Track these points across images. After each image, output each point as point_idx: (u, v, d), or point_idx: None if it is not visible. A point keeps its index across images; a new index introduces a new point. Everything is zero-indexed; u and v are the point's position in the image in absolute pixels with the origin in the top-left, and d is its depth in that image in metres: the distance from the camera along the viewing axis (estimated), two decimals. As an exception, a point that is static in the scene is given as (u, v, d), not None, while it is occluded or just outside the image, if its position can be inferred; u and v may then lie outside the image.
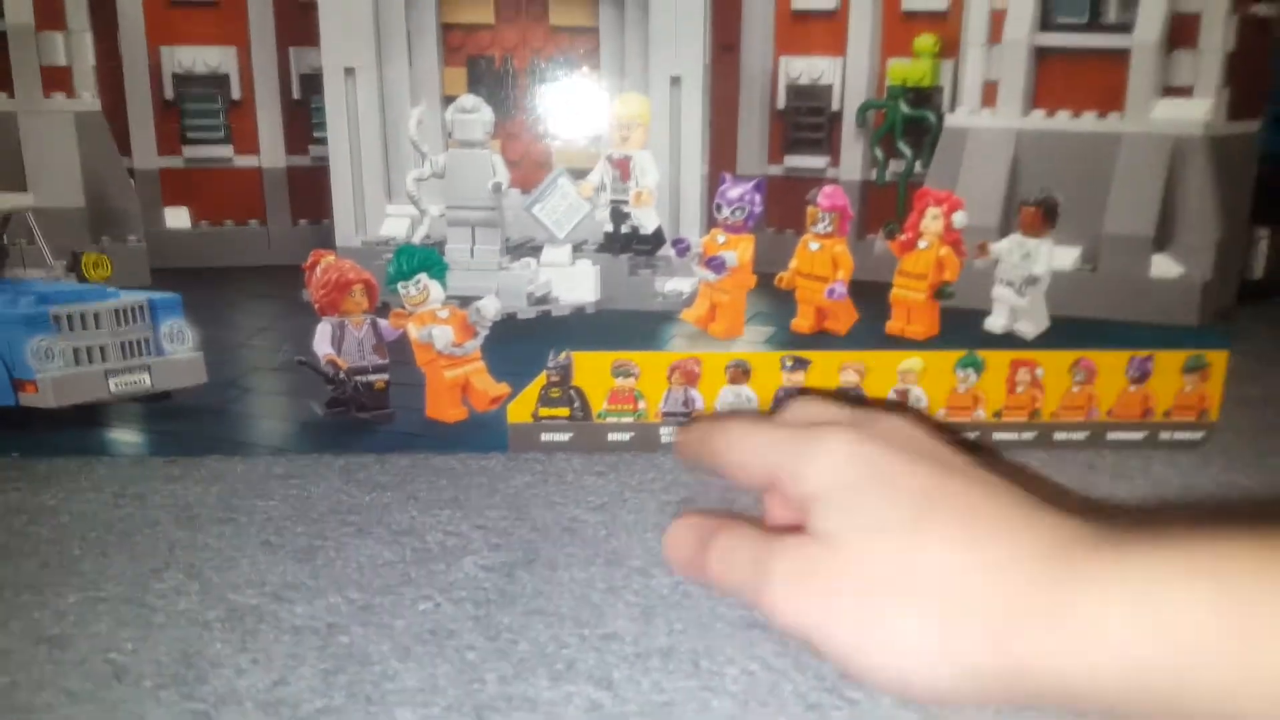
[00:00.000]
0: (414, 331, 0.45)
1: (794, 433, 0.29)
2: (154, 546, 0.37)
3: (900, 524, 0.26)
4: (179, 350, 0.45)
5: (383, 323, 0.45)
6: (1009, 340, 0.48)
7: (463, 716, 0.27)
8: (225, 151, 0.44)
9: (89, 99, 0.43)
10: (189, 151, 0.44)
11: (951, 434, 0.34)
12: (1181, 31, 0.45)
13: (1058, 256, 0.47)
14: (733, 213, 0.46)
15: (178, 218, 0.45)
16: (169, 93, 0.44)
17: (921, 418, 0.31)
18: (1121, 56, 0.46)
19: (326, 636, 0.31)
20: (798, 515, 0.28)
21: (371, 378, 0.46)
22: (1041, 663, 0.23)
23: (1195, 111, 0.46)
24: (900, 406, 0.49)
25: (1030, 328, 0.48)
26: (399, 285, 0.45)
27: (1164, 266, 0.48)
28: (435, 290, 0.45)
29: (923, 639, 0.24)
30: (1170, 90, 0.46)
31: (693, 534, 0.30)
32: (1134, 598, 0.22)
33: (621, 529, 0.40)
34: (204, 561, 0.36)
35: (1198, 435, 0.50)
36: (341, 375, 0.45)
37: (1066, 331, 0.48)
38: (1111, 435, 0.50)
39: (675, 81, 0.44)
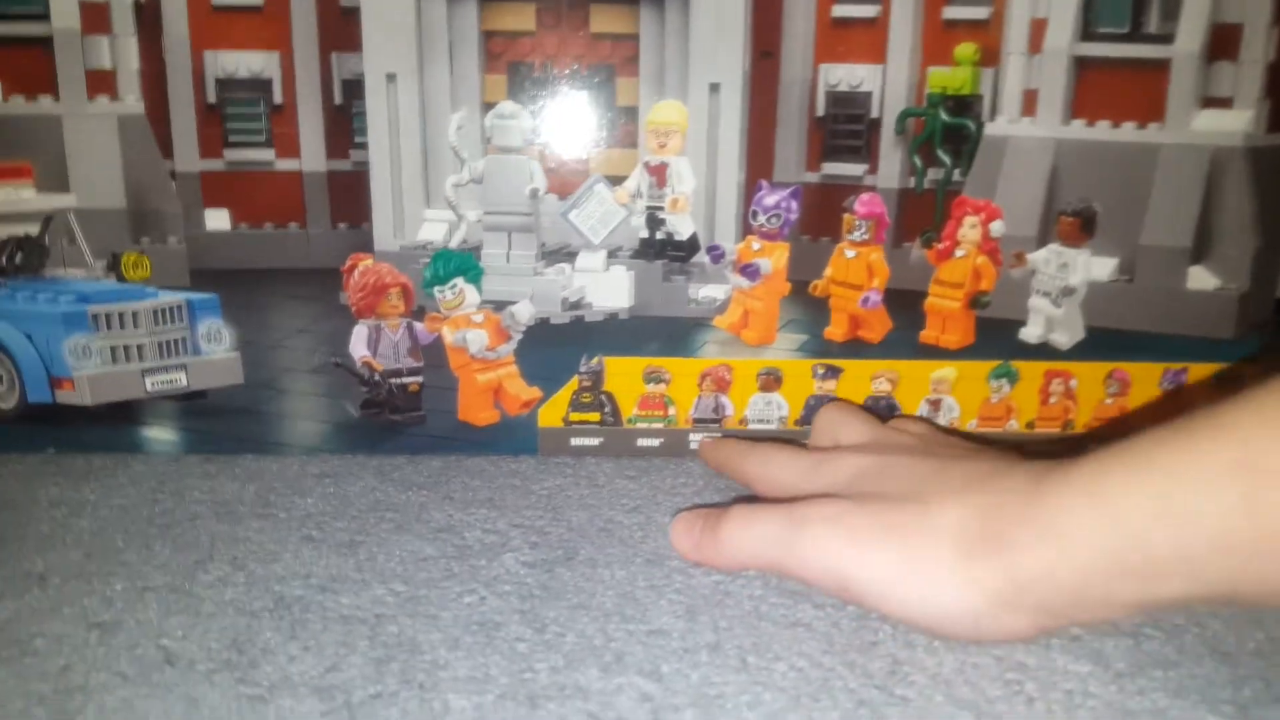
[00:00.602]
0: (449, 335, 0.45)
1: (819, 456, 0.37)
2: (196, 539, 0.37)
3: (912, 493, 0.32)
4: (216, 350, 0.45)
5: (418, 326, 0.45)
6: (1044, 351, 0.48)
7: (517, 704, 0.27)
8: (267, 155, 0.45)
9: (132, 102, 0.44)
10: (230, 155, 0.45)
11: (956, 434, 0.41)
12: (1223, 42, 0.46)
13: (1095, 267, 0.47)
14: (768, 220, 0.46)
15: (218, 220, 0.45)
16: (211, 96, 0.44)
17: (935, 427, 0.41)
18: (1162, 67, 0.46)
19: (375, 626, 0.31)
20: None
21: (406, 380, 0.46)
22: (1042, 571, 0.28)
23: (1235, 123, 0.46)
24: (916, 418, 0.50)
25: (1065, 338, 0.48)
26: (435, 289, 0.45)
27: (1201, 278, 0.48)
28: (471, 294, 0.45)
29: (951, 573, 0.29)
30: (1210, 101, 0.46)
31: (699, 519, 0.36)
32: (1092, 504, 0.27)
33: (657, 530, 0.40)
34: (247, 554, 0.36)
35: (1234, 449, 0.50)
36: (376, 377, 0.45)
37: (1102, 342, 0.48)
38: (1147, 448, 0.49)
39: (714, 88, 0.44)
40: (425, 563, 0.36)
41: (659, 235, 0.46)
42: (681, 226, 0.46)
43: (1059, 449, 0.32)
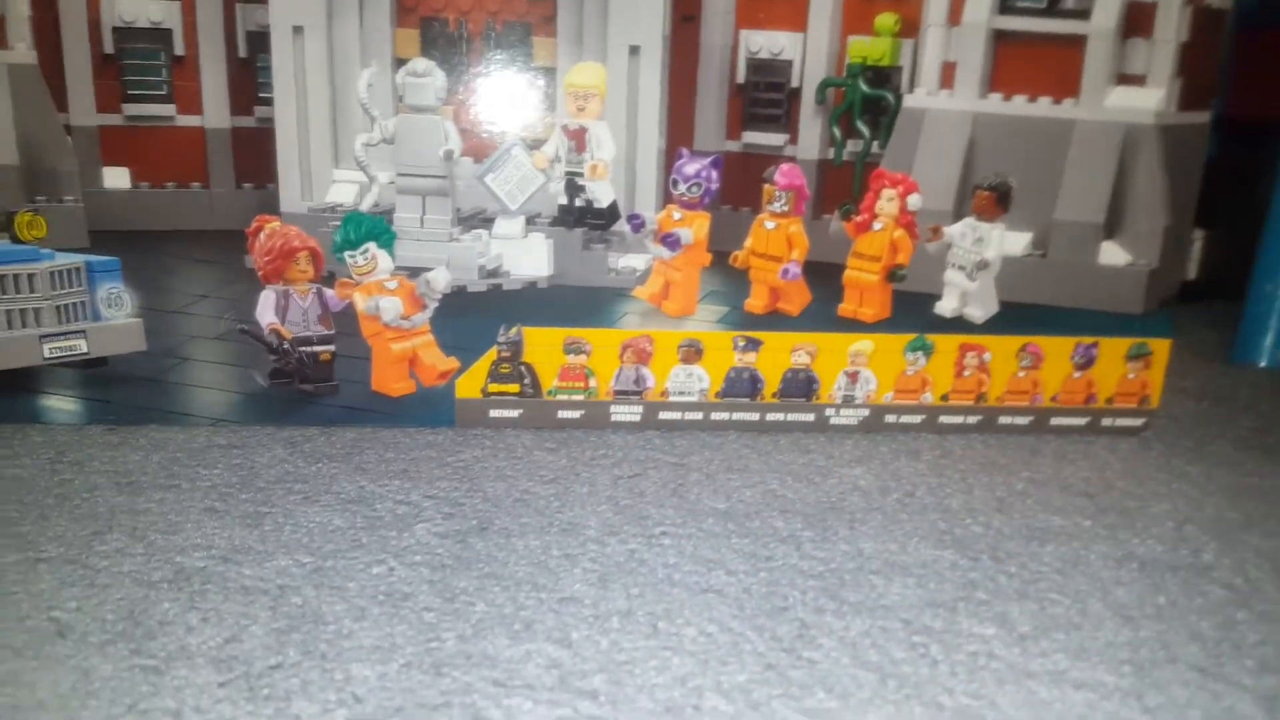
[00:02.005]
0: (360, 302, 0.44)
1: None
2: (94, 510, 0.36)
3: None
4: (117, 316, 0.43)
5: (328, 292, 0.44)
6: (958, 324, 0.48)
7: (422, 673, 0.26)
8: (167, 110, 0.43)
9: (24, 50, 0.41)
10: (129, 109, 0.43)
11: None
12: (1137, 20, 0.46)
13: (1009, 242, 0.48)
14: (689, 189, 0.45)
15: (117, 178, 0.43)
16: (109, 47, 0.42)
17: None
18: (1078, 43, 0.46)
19: (278, 597, 0.30)
20: None
21: (316, 348, 0.45)
22: None
23: (1148, 100, 0.47)
24: None
25: (980, 312, 0.48)
26: (346, 254, 0.43)
27: (1112, 254, 0.49)
28: (383, 260, 0.44)
29: None
30: (1124, 78, 0.47)
31: None
32: None
33: (575, 501, 0.39)
34: (147, 525, 0.35)
35: (1138, 422, 0.51)
36: (285, 345, 0.44)
37: (1015, 317, 0.48)
38: (1055, 420, 0.50)
39: (634, 51, 0.44)
40: (333, 534, 0.35)
41: (578, 202, 0.45)
42: (601, 194, 0.45)
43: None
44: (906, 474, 0.44)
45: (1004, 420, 0.50)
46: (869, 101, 0.46)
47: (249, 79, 0.42)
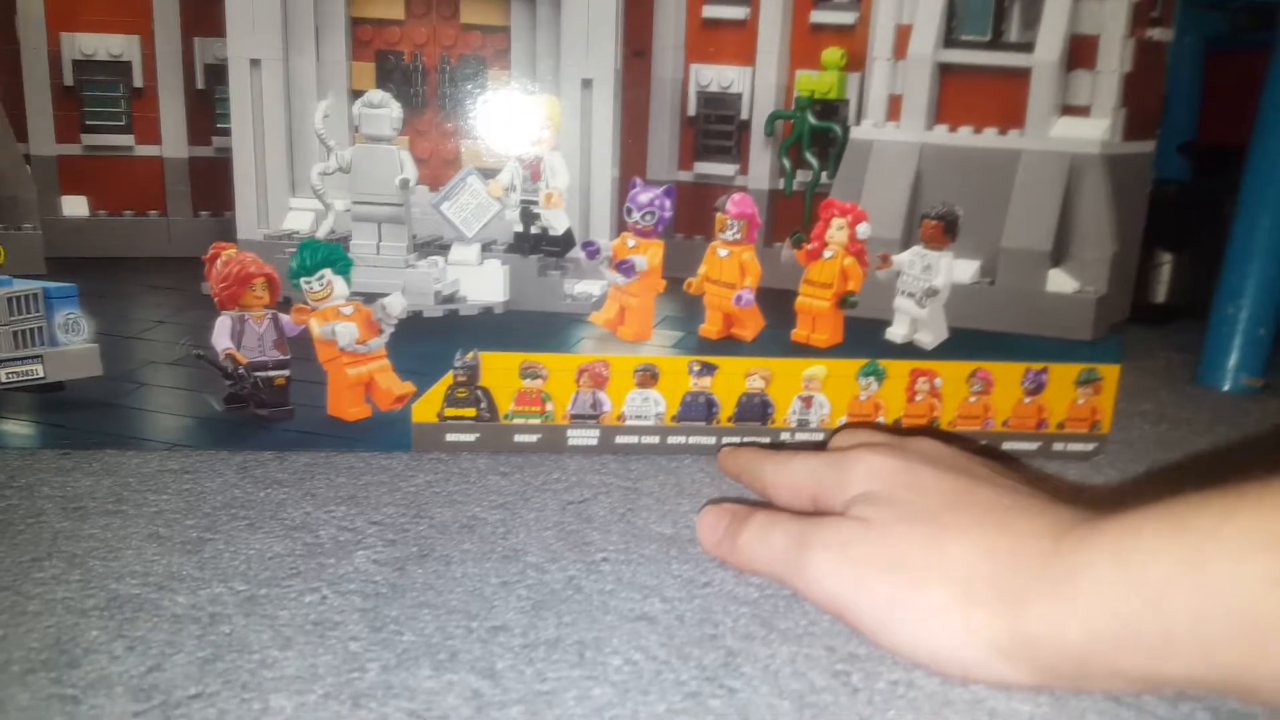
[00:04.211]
0: (316, 327, 0.45)
1: (837, 454, 0.35)
2: (37, 536, 0.36)
3: (928, 515, 0.30)
4: (74, 341, 0.44)
5: (284, 318, 0.45)
6: (909, 350, 0.49)
7: (339, 704, 0.26)
8: (126, 140, 0.44)
9: (-16, 82, 0.42)
10: (88, 139, 0.43)
11: (976, 447, 0.40)
12: (1081, 52, 0.47)
13: (957, 269, 0.48)
14: (643, 217, 0.46)
15: (75, 206, 0.44)
16: (69, 79, 0.43)
17: (950, 437, 0.39)
18: (1023, 75, 0.47)
19: (207, 626, 0.30)
20: None
21: (271, 373, 0.45)
22: (1050, 630, 0.26)
23: (1093, 130, 0.48)
24: (929, 430, 0.50)
25: (930, 338, 0.49)
26: (302, 280, 0.44)
27: (1060, 281, 0.49)
28: (339, 286, 0.44)
29: (948, 615, 0.28)
30: (1069, 109, 0.48)
31: (726, 516, 0.36)
32: (1117, 564, 0.26)
33: (521, 526, 0.40)
34: (88, 552, 0.35)
35: (1090, 447, 0.52)
36: (241, 370, 0.45)
37: (965, 343, 0.49)
38: (1007, 445, 0.51)
39: (586, 84, 0.44)
40: (271, 561, 0.35)
41: (534, 230, 0.46)
42: (556, 222, 0.46)
43: (1094, 494, 0.33)
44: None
45: (957, 445, 0.51)
46: (817, 133, 0.46)
47: (207, 110, 0.43)
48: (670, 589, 0.35)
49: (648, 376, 0.48)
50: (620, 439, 0.48)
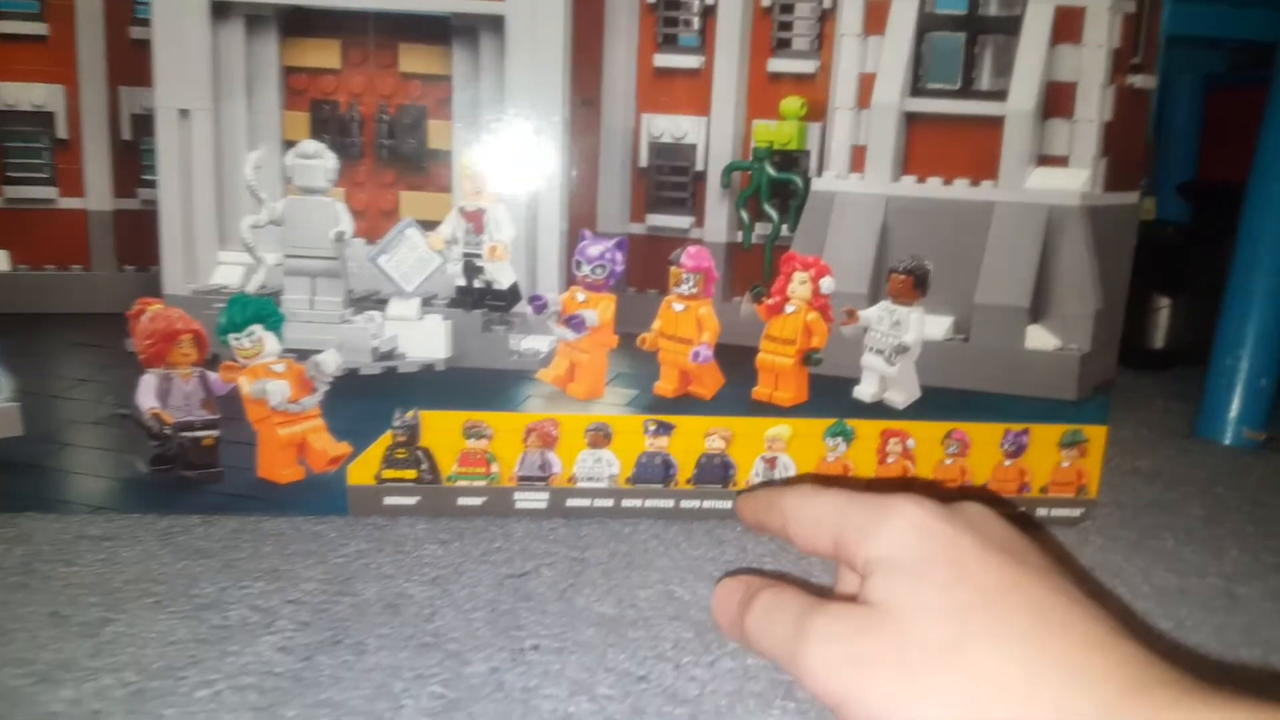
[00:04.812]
0: (246, 386, 0.43)
1: (871, 498, 0.28)
2: (-78, 618, 0.34)
3: (964, 608, 0.24)
4: (-8, 400, 0.42)
5: (212, 376, 0.43)
6: (879, 410, 0.47)
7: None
8: (49, 193, 0.42)
9: (-98, 132, 0.40)
10: (10, 191, 0.42)
11: (1032, 530, 0.33)
12: (1057, 100, 0.45)
13: (929, 325, 0.46)
14: (593, 270, 0.44)
15: (-4, 259, 0.42)
16: (-9, 129, 0.41)
17: (999, 511, 0.30)
18: (995, 124, 0.45)
19: (77, 730, 0.28)
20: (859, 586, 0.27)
21: (199, 434, 0.43)
22: None
23: (1072, 181, 0.45)
24: (981, 494, 0.46)
25: (901, 397, 0.47)
26: (230, 337, 0.42)
27: (1040, 338, 0.47)
28: (270, 343, 0.42)
29: None
30: (1046, 159, 0.45)
31: (739, 590, 0.30)
32: None
33: (450, 606, 0.37)
34: (-28, 637, 0.33)
35: (1076, 512, 0.49)
36: (166, 430, 0.42)
37: (939, 402, 0.47)
38: (985, 510, 0.48)
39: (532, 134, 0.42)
40: (171, 647, 0.33)
41: (477, 284, 0.43)
42: (501, 275, 0.43)
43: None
44: (826, 568, 0.42)
45: (932, 509, 0.48)
46: (776, 185, 0.44)
47: (133, 161, 0.41)
48: (601, 684, 0.33)
49: (600, 436, 0.46)
50: (571, 502, 0.46)
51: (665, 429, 0.46)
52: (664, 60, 0.43)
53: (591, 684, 0.33)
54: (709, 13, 0.44)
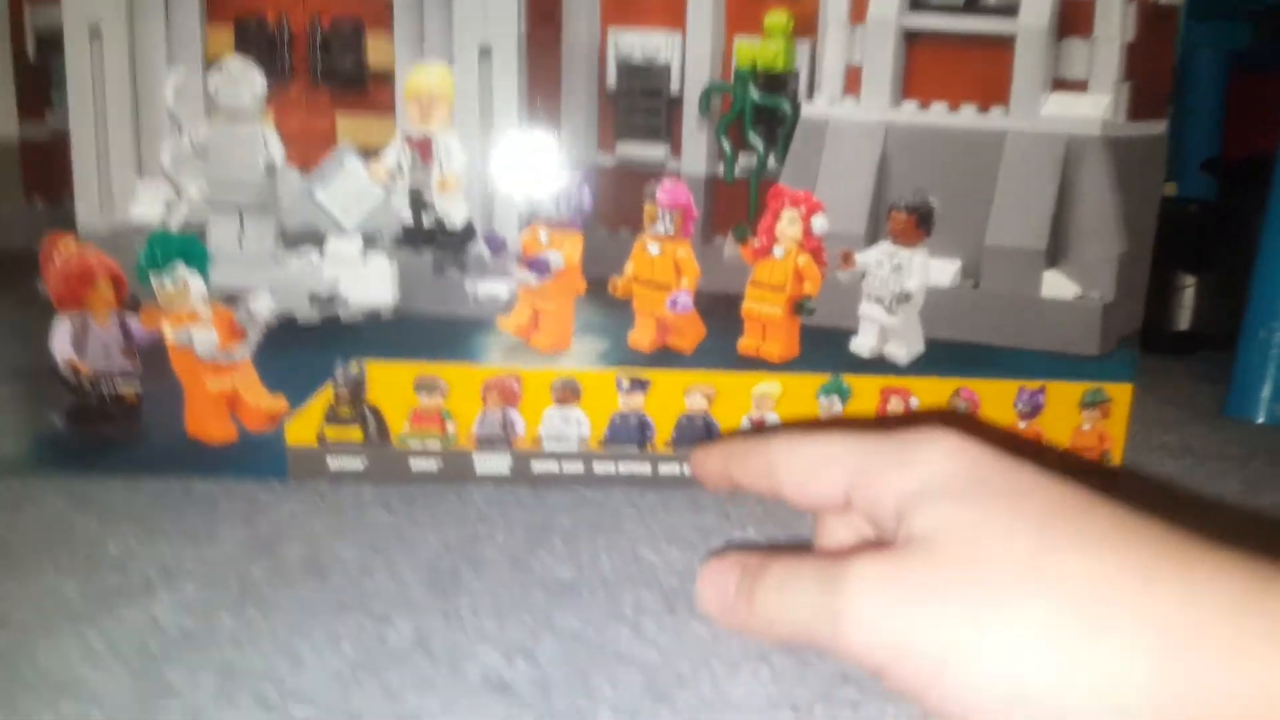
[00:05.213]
0: (170, 333, 0.38)
1: (886, 436, 0.25)
2: None
3: (1039, 521, 0.21)
4: (-111, 349, 0.38)
5: (133, 321, 0.38)
6: (879, 365, 0.42)
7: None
8: (-51, 118, 0.38)
9: None
10: (-92, 117, 0.38)
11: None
12: (1073, 17, 0.40)
13: (934, 270, 0.41)
14: (557, 206, 0.40)
15: (-106, 193, 0.38)
16: (-113, 50, 0.37)
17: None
18: (1005, 44, 0.40)
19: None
20: (874, 533, 0.25)
21: (119, 385, 0.39)
22: (1214, 704, 0.19)
23: (1091, 108, 0.41)
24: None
25: (902, 351, 0.42)
26: (152, 277, 0.38)
27: (1058, 285, 0.42)
28: (195, 285, 0.38)
29: (1054, 650, 0.19)
30: (1062, 84, 0.41)
31: (734, 571, 0.25)
32: None
33: (384, 569, 0.33)
34: None
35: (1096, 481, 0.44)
36: (83, 382, 0.38)
37: (945, 356, 0.42)
38: (999, 478, 0.43)
39: (485, 53, 0.38)
40: (54, 605, 0.28)
41: (426, 221, 0.39)
42: (453, 211, 0.39)
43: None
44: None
45: (939, 477, 0.43)
46: (761, 110, 0.40)
47: (40, 84, 0.37)
48: (545, 648, 0.28)
49: (568, 393, 0.41)
50: (538, 467, 0.41)
51: (640, 385, 0.41)
52: (632, -35, 0.39)
53: (534, 647, 0.28)
54: (684, -85, 0.39)
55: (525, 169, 0.39)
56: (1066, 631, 0.19)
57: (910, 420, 0.40)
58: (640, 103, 0.40)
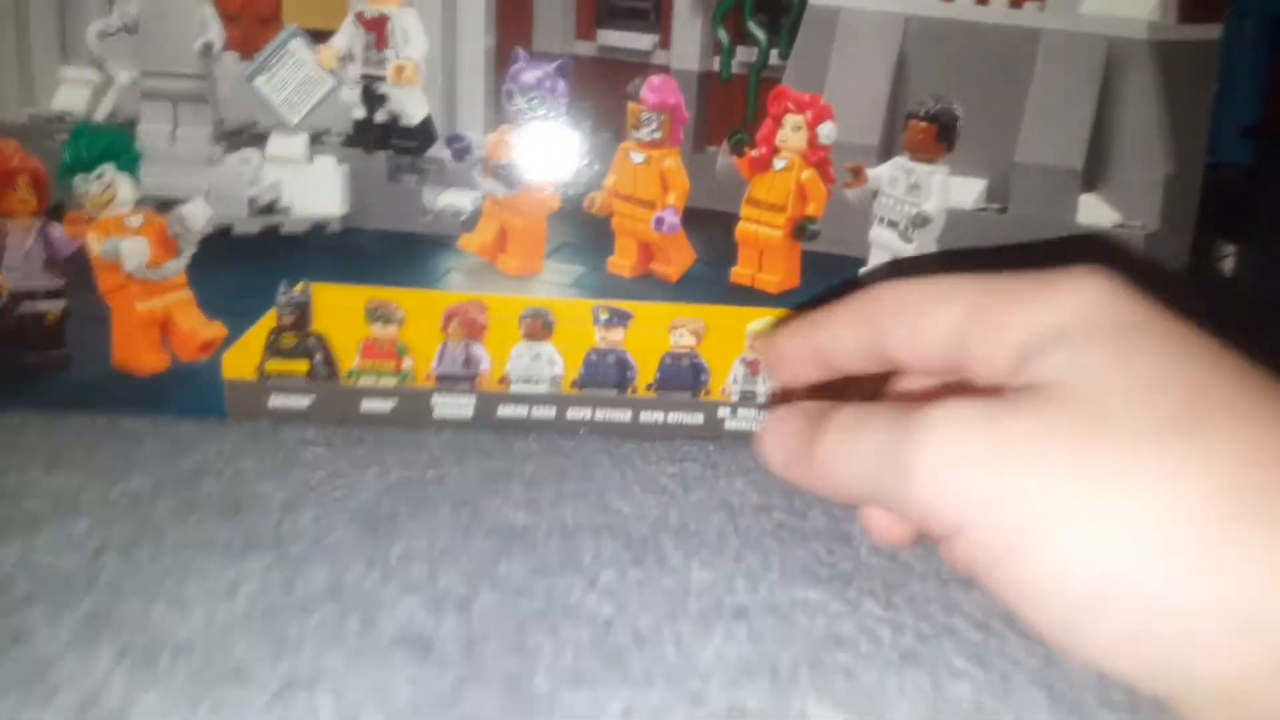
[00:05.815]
0: (95, 244, 0.34)
1: (1017, 273, 0.21)
2: None
3: (1197, 379, 0.18)
4: None
5: (57, 230, 0.34)
6: (891, 297, 0.37)
7: None
8: None
9: None
10: None
11: None
12: (1117, -106, 0.36)
13: (955, 190, 0.37)
14: (529, 103, 0.35)
15: None
16: None
17: None
18: (1040, -76, 0.36)
19: None
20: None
21: (41, 306, 0.35)
22: None
23: (1138, 7, 0.36)
24: None
25: (918, 281, 0.37)
26: (77, 179, 0.33)
27: (1096, 211, 0.38)
28: (124, 188, 0.34)
29: (1177, 543, 0.16)
30: (1105, -25, 0.36)
31: (797, 420, 0.23)
32: None
33: (312, 509, 0.29)
34: None
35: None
36: (3, 300, 0.34)
37: (967, 289, 0.37)
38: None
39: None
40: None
41: (380, 116, 0.35)
42: (410, 105, 0.35)
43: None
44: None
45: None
46: (762, -5, 0.35)
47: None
48: (481, 600, 0.24)
49: (539, 326, 0.37)
50: (505, 410, 0.37)
51: (620, 318, 0.37)
52: None
53: (469, 597, 0.24)
54: None
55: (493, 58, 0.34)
56: (1200, 521, 0.16)
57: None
58: (624, -16, 0.36)
